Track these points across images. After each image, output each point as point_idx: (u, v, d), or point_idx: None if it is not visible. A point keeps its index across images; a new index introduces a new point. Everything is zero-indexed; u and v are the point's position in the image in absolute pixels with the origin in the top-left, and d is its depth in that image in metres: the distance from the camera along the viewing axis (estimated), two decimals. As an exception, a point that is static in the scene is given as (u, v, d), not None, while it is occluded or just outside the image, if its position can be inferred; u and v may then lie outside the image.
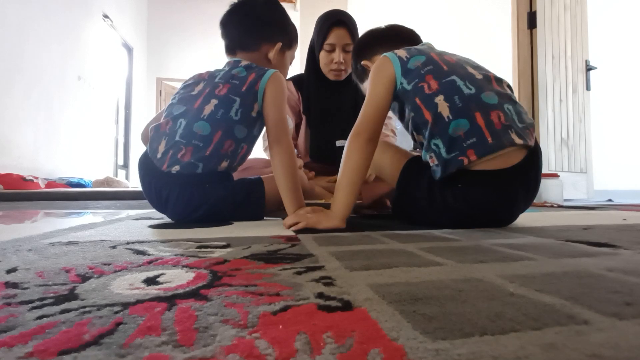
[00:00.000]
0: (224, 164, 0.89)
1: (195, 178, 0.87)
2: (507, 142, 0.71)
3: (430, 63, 0.78)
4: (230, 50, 1.00)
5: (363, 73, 0.97)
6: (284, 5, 1.08)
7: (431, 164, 0.78)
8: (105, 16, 4.52)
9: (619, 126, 3.26)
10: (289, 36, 1.04)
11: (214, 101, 0.89)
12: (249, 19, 0.98)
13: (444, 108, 0.73)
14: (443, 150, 0.73)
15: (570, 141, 2.57)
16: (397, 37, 0.96)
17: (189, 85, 0.96)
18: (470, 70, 0.79)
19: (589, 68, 2.72)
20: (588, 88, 2.73)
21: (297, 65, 3.89)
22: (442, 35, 3.16)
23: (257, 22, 0.99)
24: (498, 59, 2.61)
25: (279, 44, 0.99)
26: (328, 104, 1.42)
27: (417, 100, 0.76)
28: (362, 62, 0.96)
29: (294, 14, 6.05)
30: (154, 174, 0.89)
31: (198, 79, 0.96)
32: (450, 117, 0.73)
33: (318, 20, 1.41)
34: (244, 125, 0.89)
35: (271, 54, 0.99)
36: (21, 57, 2.90)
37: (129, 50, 5.52)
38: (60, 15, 3.47)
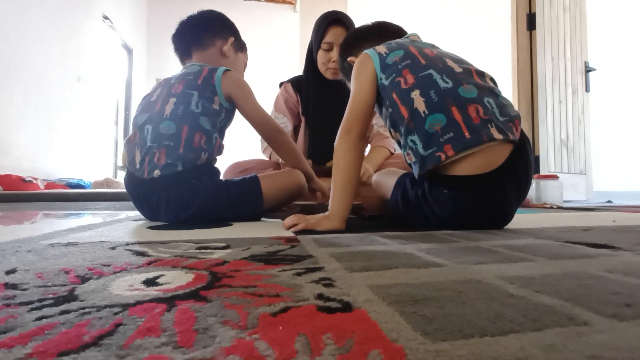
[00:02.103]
0: (204, 157, 0.90)
1: (179, 176, 0.87)
2: (486, 136, 0.68)
3: (408, 57, 0.77)
4: (185, 53, 1.06)
5: (350, 70, 0.95)
6: (284, 6, 1.14)
7: (408, 161, 0.78)
8: (105, 17, 4.52)
9: (618, 127, 3.27)
10: (239, 40, 1.12)
11: (173, 99, 0.91)
12: (202, 21, 1.07)
13: (419, 103, 0.72)
14: (420, 147, 0.72)
15: (570, 142, 2.57)
16: (383, 33, 0.95)
17: (148, 95, 0.99)
18: (450, 63, 0.76)
19: (588, 69, 2.73)
20: (587, 89, 2.73)
21: (297, 68, 3.89)
22: (441, 37, 3.17)
23: (208, 22, 1.07)
24: (498, 60, 2.62)
25: (232, 39, 1.07)
26: (327, 105, 1.41)
27: (394, 95, 0.75)
28: (349, 59, 0.95)
29: (294, 16, 6.06)
30: (139, 185, 0.90)
31: (156, 86, 1.01)
32: (427, 112, 0.71)
33: (316, 21, 1.43)
34: (207, 117, 0.91)
35: (226, 47, 1.06)
36: (21, 58, 2.90)
37: (129, 51, 5.52)
38: (60, 16, 3.47)
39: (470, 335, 0.22)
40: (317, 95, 1.43)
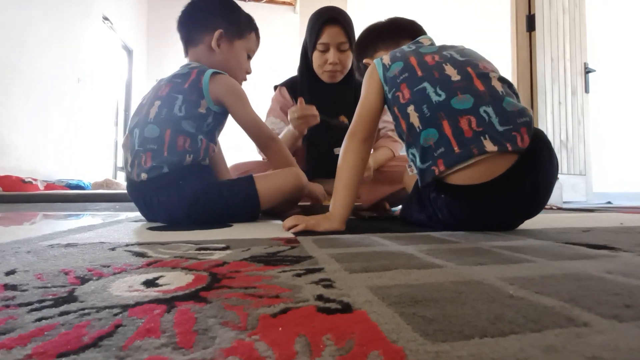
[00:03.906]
0: (189, 159, 0.89)
1: (165, 179, 0.88)
2: (477, 150, 0.66)
3: (406, 70, 0.77)
4: (185, 51, 1.04)
5: (365, 72, 0.94)
6: (284, 7, 1.10)
7: (410, 173, 0.80)
8: (105, 18, 4.52)
9: (617, 128, 3.27)
10: (237, 25, 1.02)
11: (157, 102, 0.91)
12: (193, 13, 1.01)
13: (414, 118, 0.72)
14: (418, 160, 0.73)
15: (570, 143, 2.57)
16: (397, 31, 0.94)
17: (143, 97, 0.99)
18: (449, 70, 0.74)
19: (587, 70, 2.73)
20: (587, 90, 2.73)
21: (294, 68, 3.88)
22: (441, 38, 3.17)
23: (199, 13, 1.01)
24: (497, 61, 2.61)
25: (219, 31, 0.99)
26: (322, 107, 1.32)
27: (396, 110, 0.76)
28: (364, 61, 0.95)
29: (294, 17, 6.06)
30: (134, 188, 0.92)
31: (152, 88, 0.99)
32: (421, 127, 0.71)
33: (310, 19, 1.33)
34: (191, 120, 0.90)
35: (213, 43, 0.99)
36: (21, 59, 2.90)
37: (129, 52, 5.52)
38: (60, 17, 3.47)
39: (470, 336, 0.22)
40: (312, 99, 1.33)
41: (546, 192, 0.74)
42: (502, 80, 0.75)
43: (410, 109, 0.73)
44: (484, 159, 0.67)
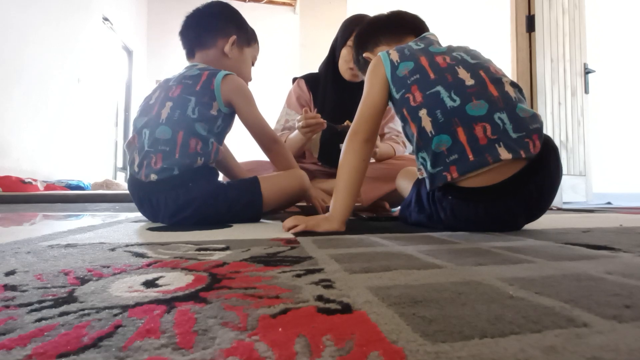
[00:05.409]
0: (200, 162, 0.90)
1: (175, 180, 0.88)
2: (492, 158, 0.66)
3: (417, 71, 0.75)
4: (189, 52, 1.05)
5: (365, 65, 0.91)
6: (284, 8, 1.12)
7: (420, 177, 0.79)
8: (105, 19, 4.52)
9: (617, 129, 3.27)
10: (245, 33, 1.08)
11: (169, 104, 0.91)
12: (204, 18, 1.04)
13: (427, 123, 0.71)
14: (429, 164, 0.72)
15: (569, 144, 2.57)
16: (400, 26, 0.92)
17: (148, 97, 0.99)
18: (462, 74, 0.73)
19: (587, 71, 2.73)
20: (587, 91, 2.73)
21: (296, 69, 3.89)
22: (441, 39, 3.17)
23: (211, 19, 1.04)
24: (497, 62, 2.61)
25: (234, 37, 1.03)
26: (341, 105, 1.40)
27: (404, 112, 0.75)
28: (364, 55, 0.93)
29: (294, 17, 6.06)
30: (139, 188, 0.91)
31: (156, 88, 0.99)
32: (433, 133, 0.70)
33: (344, 21, 1.42)
34: (204, 122, 0.91)
35: (227, 47, 1.03)
36: (21, 60, 2.90)
37: (129, 53, 5.53)
38: (60, 18, 3.47)
39: (470, 336, 0.22)
40: (333, 95, 1.42)
41: (550, 196, 0.74)
42: (513, 85, 0.74)
43: (422, 112, 0.71)
44: (494, 167, 0.67)
